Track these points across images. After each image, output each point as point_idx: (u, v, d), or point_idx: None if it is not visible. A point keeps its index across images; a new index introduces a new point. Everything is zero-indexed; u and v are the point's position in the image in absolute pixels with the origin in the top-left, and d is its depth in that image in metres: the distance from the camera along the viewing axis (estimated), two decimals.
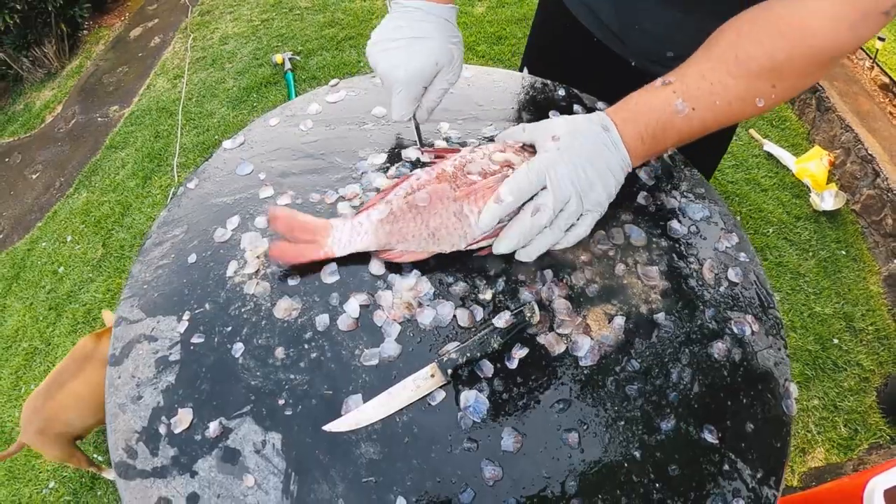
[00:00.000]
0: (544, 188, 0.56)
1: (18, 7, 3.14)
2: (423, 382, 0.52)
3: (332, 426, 0.50)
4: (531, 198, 0.57)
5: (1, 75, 3.53)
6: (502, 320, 0.55)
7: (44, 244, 2.59)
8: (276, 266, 0.61)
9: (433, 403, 0.52)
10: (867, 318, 1.94)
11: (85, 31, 3.84)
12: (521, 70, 0.90)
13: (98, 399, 1.44)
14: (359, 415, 0.50)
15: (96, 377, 1.47)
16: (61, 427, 1.49)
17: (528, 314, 0.55)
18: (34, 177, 3.04)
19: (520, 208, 0.57)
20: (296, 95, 2.72)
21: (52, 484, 1.84)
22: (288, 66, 2.90)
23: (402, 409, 0.51)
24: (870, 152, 2.19)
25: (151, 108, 3.03)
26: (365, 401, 0.52)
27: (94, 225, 2.54)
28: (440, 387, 0.52)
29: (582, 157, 0.57)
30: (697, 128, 0.59)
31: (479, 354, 0.53)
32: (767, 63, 0.55)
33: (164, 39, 3.57)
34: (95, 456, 1.84)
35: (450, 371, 0.52)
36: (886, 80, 2.48)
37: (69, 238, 2.55)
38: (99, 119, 3.17)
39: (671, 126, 0.59)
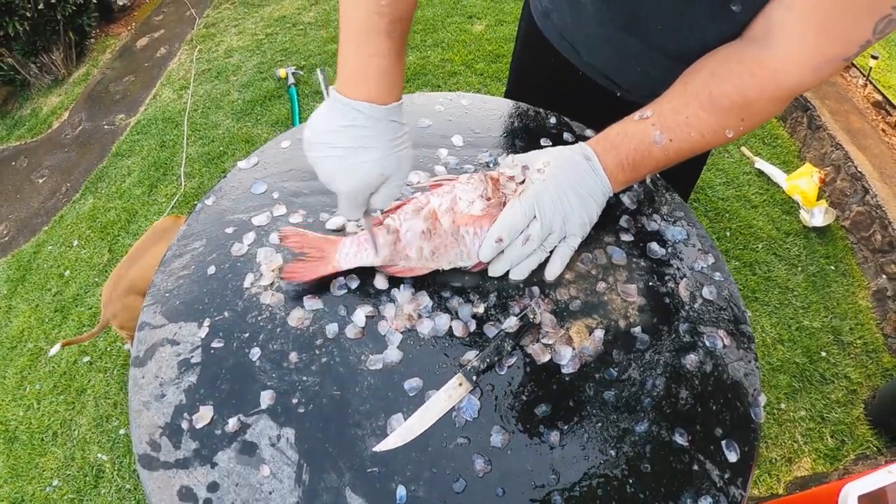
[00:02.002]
0: (534, 218, 0.62)
1: (28, 14, 3.20)
2: (453, 392, 0.57)
3: (382, 446, 0.54)
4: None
5: (9, 80, 3.57)
6: (511, 325, 0.61)
7: (50, 248, 2.63)
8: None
9: None
10: (855, 331, 1.98)
11: (92, 40, 3.89)
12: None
13: (147, 267, 1.62)
14: (403, 432, 0.55)
15: (155, 245, 1.69)
16: (145, 287, 1.61)
17: (531, 316, 0.61)
18: (41, 181, 3.08)
19: None
20: (299, 110, 2.79)
21: (55, 482, 1.86)
22: (291, 80, 2.96)
23: (403, 410, 0.57)
24: (859, 169, 2.24)
25: (157, 117, 3.08)
26: (405, 417, 0.56)
27: (100, 230, 2.59)
28: (469, 392, 0.58)
29: (565, 185, 0.63)
30: (673, 157, 0.65)
31: (496, 359, 0.59)
32: (738, 100, 0.60)
33: (170, 50, 3.63)
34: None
35: (475, 378, 0.58)
36: (879, 98, 2.54)
37: (75, 242, 2.59)
38: (105, 127, 3.23)
39: (649, 155, 0.64)
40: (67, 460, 1.90)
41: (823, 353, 1.92)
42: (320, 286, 0.66)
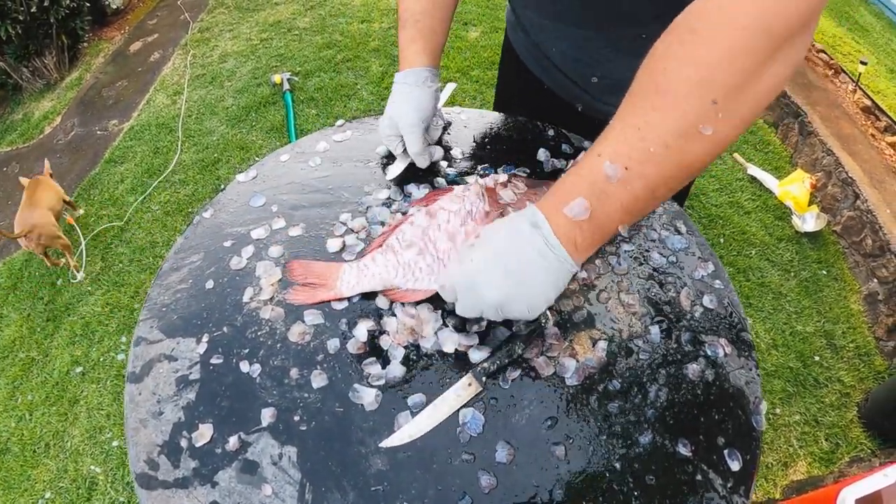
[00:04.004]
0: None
1: (21, 18, 3.17)
2: (462, 392, 0.57)
3: (388, 442, 0.54)
4: None
5: (0, 84, 3.54)
6: (522, 328, 0.61)
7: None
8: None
9: None
10: (848, 335, 2.00)
11: (85, 44, 3.86)
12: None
13: (42, 197, 2.39)
14: (410, 428, 0.55)
15: (37, 189, 2.40)
16: (48, 203, 2.36)
17: (543, 320, 0.61)
18: None
19: None
20: (294, 117, 2.78)
21: (48, 494, 1.83)
22: (286, 86, 2.95)
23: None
24: (850, 175, 2.27)
25: (151, 123, 3.06)
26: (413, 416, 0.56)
27: (92, 238, 2.56)
28: (477, 394, 0.57)
29: (489, 277, 0.51)
30: (642, 191, 0.48)
31: (506, 361, 0.59)
32: (693, 74, 0.44)
33: (164, 55, 3.62)
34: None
35: (485, 379, 0.58)
36: (868, 103, 2.57)
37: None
38: (98, 132, 3.20)
39: (607, 198, 0.48)
40: (60, 472, 1.88)
41: (817, 358, 1.93)
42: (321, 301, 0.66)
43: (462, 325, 0.63)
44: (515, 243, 0.51)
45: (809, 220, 2.24)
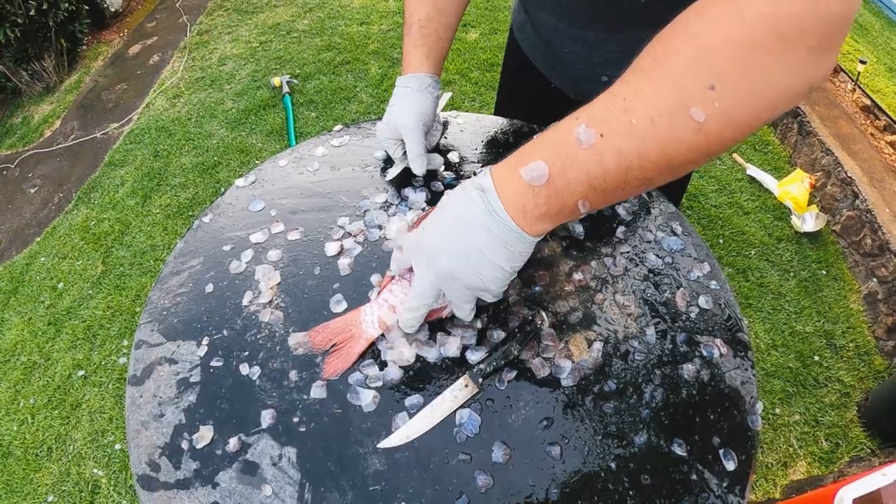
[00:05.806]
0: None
1: (20, 21, 3.18)
2: (459, 393, 0.58)
3: (386, 442, 0.55)
4: None
5: (0, 88, 3.56)
6: (519, 329, 0.61)
7: (43, 259, 2.60)
8: (288, 297, 0.67)
9: None
10: (847, 335, 1.99)
11: (84, 47, 3.86)
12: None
13: None
14: (408, 429, 0.56)
15: None
16: None
17: (539, 321, 0.62)
18: (32, 191, 3.05)
19: None
20: (294, 119, 2.79)
21: (50, 498, 1.83)
22: (286, 89, 2.95)
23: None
24: (849, 175, 2.26)
25: (151, 126, 3.07)
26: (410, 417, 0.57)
27: (93, 242, 2.56)
28: (473, 395, 0.58)
29: (439, 239, 0.50)
30: (614, 167, 0.43)
31: (503, 363, 0.59)
32: (693, 53, 0.40)
33: (163, 58, 3.62)
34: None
35: (481, 380, 0.58)
36: (867, 103, 2.57)
37: (68, 254, 2.57)
38: (98, 135, 3.21)
39: (573, 163, 0.44)
40: (63, 476, 1.88)
41: (816, 358, 1.93)
42: (319, 303, 0.66)
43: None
44: (462, 210, 0.50)
45: (809, 220, 2.24)
